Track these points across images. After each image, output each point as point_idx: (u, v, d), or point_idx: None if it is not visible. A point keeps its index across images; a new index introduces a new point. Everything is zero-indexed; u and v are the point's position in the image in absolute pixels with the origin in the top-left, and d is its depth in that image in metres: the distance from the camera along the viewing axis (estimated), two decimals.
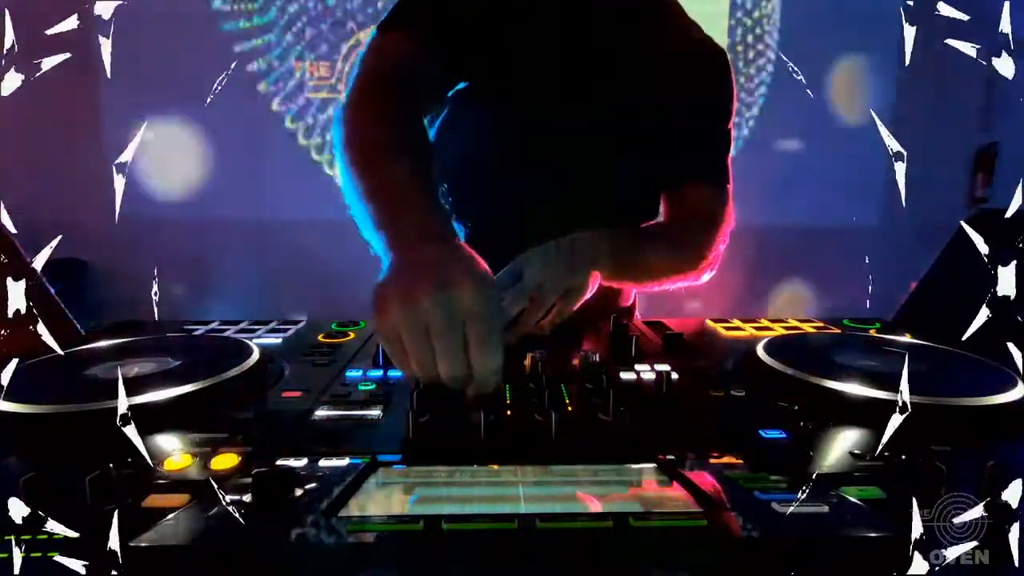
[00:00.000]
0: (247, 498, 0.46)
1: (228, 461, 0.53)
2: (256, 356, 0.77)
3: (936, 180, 2.97)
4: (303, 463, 0.53)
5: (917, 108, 3.15)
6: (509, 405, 0.66)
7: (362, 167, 0.81)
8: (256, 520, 0.44)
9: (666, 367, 0.78)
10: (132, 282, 2.22)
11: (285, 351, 0.88)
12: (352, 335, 0.96)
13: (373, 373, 0.77)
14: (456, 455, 0.55)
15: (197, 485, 0.49)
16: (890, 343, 0.86)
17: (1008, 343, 0.52)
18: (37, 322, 0.53)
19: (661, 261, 1.11)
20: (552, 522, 0.44)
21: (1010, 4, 0.54)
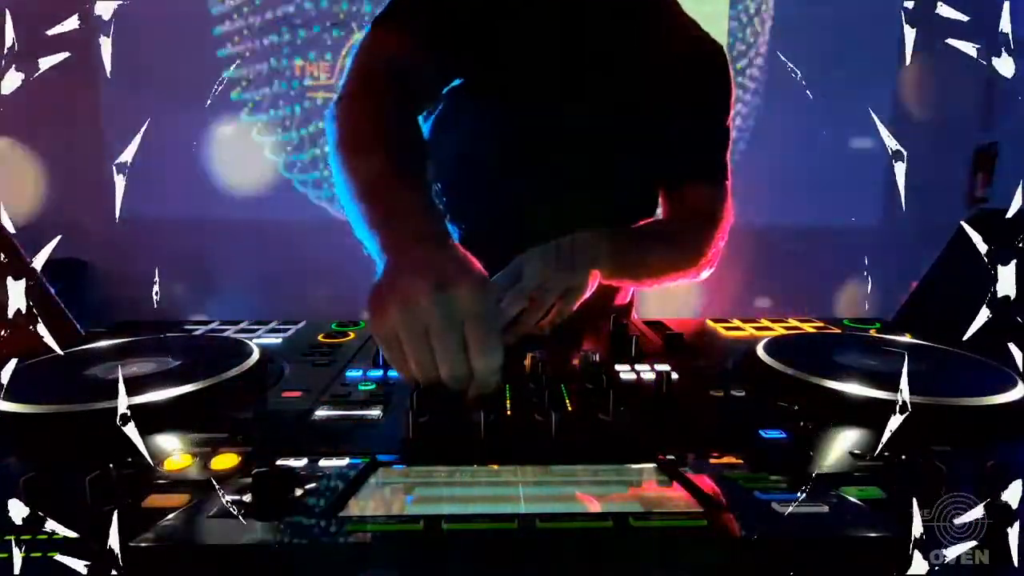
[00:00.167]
0: (247, 498, 0.46)
1: (228, 461, 0.53)
2: (256, 356, 0.77)
3: (936, 180, 2.97)
4: (303, 463, 0.53)
5: (917, 108, 3.15)
6: (509, 405, 0.66)
7: (355, 166, 0.80)
8: (256, 520, 0.44)
9: (666, 367, 0.78)
10: (132, 282, 2.22)
11: (285, 351, 0.88)
12: (352, 335, 0.96)
13: (373, 373, 0.77)
14: (456, 455, 0.55)
15: (197, 485, 0.49)
16: (890, 343, 0.86)
17: (1008, 343, 0.52)
18: (37, 322, 0.53)
19: (660, 259, 1.11)
20: (552, 522, 0.44)
21: (1010, 4, 0.54)
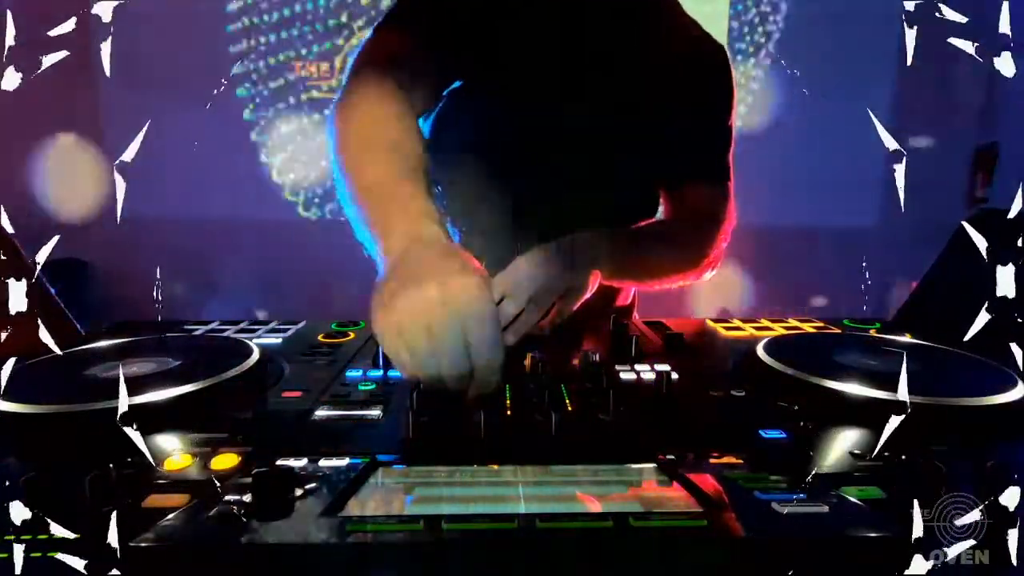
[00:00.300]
0: (247, 498, 0.46)
1: (228, 461, 0.53)
2: (256, 356, 0.76)
3: (936, 180, 2.97)
4: (303, 463, 0.53)
5: (917, 108, 3.15)
6: (509, 405, 0.66)
7: (356, 167, 0.80)
8: (256, 520, 0.44)
9: (666, 367, 0.78)
10: (132, 282, 2.22)
11: (285, 351, 0.88)
12: (352, 335, 0.96)
13: (373, 373, 0.77)
14: (456, 455, 0.55)
15: (197, 485, 0.49)
16: (890, 343, 0.85)
17: (1010, 343, 0.52)
18: (37, 322, 0.53)
19: (661, 260, 1.11)
20: (552, 522, 0.44)
21: (1009, 4, 0.54)
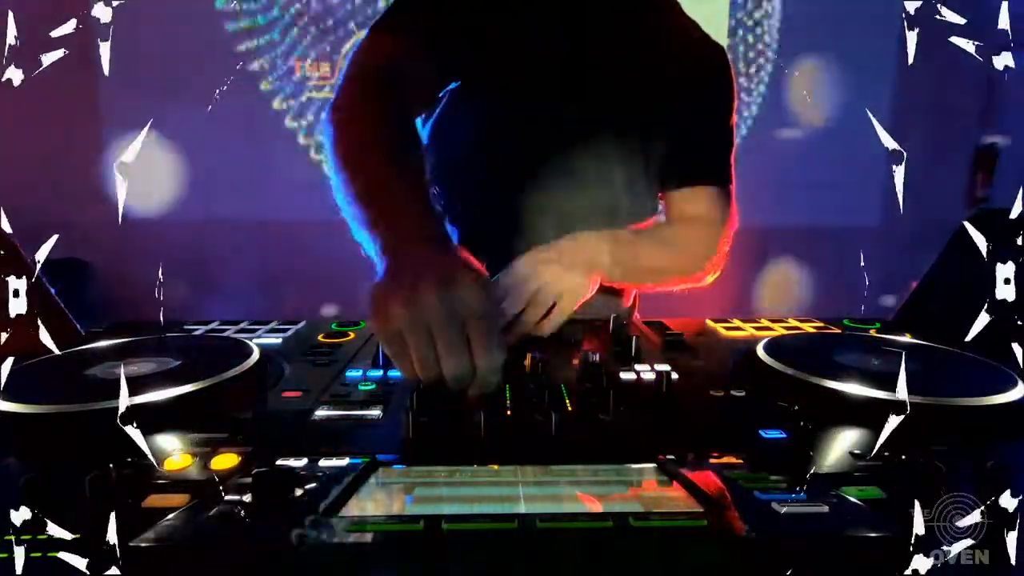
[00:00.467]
0: (247, 498, 0.46)
1: (228, 461, 0.53)
2: (256, 356, 0.77)
3: (936, 180, 2.97)
4: (303, 463, 0.53)
5: (917, 108, 3.15)
6: (509, 405, 0.66)
7: (353, 168, 0.80)
8: (256, 520, 0.44)
9: (666, 367, 0.78)
10: (132, 282, 2.22)
11: (285, 351, 0.88)
12: (352, 335, 0.96)
13: (373, 373, 0.77)
14: (456, 455, 0.55)
15: (197, 485, 0.49)
16: (890, 343, 0.86)
17: (1011, 343, 0.52)
18: (37, 322, 0.53)
19: (662, 262, 1.11)
20: (552, 522, 0.44)
21: (1008, 3, 0.54)
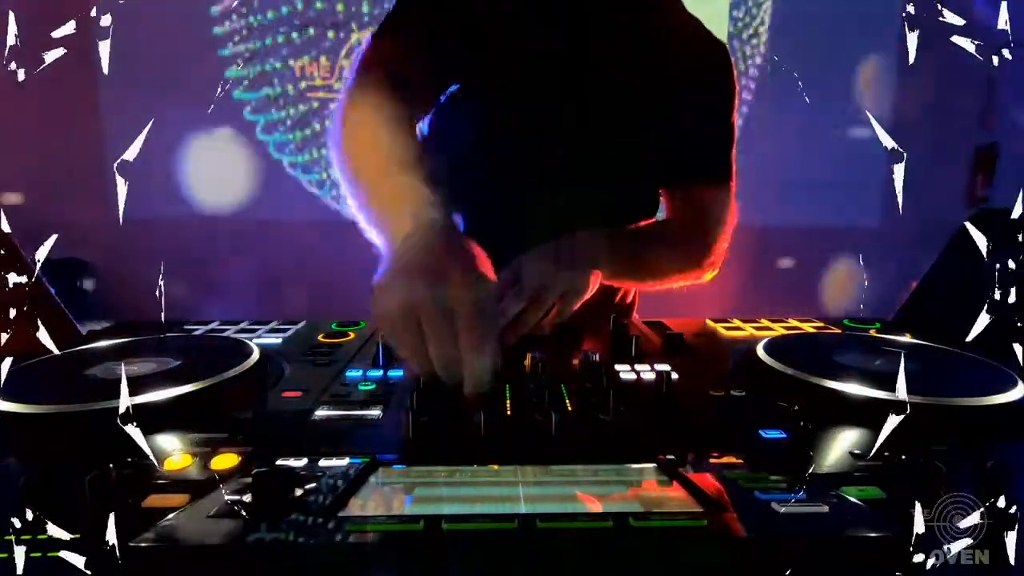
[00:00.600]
0: (247, 498, 0.46)
1: (228, 461, 0.53)
2: (256, 356, 0.77)
3: (936, 180, 2.97)
4: (303, 463, 0.53)
5: (917, 108, 3.15)
6: (509, 405, 0.66)
7: (359, 169, 0.82)
8: (256, 520, 0.44)
9: (666, 367, 0.78)
10: (133, 282, 2.22)
11: (285, 351, 0.88)
12: (352, 335, 0.96)
13: (373, 373, 0.77)
14: (456, 455, 0.55)
15: (197, 485, 0.49)
16: (890, 343, 0.86)
17: (1011, 343, 0.52)
18: (37, 322, 0.53)
19: (662, 260, 1.11)
20: (552, 522, 0.44)
21: (1008, 3, 0.54)
